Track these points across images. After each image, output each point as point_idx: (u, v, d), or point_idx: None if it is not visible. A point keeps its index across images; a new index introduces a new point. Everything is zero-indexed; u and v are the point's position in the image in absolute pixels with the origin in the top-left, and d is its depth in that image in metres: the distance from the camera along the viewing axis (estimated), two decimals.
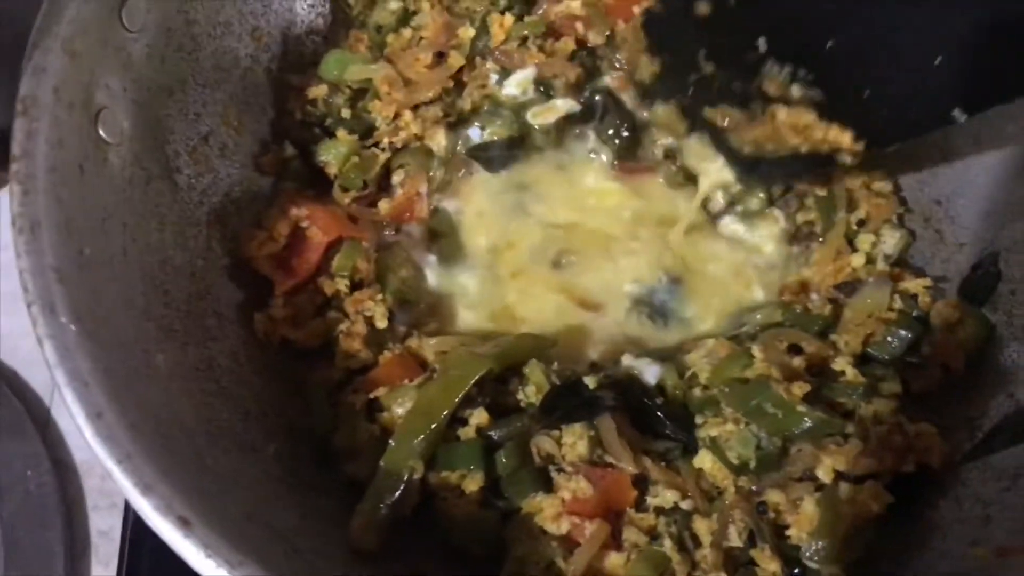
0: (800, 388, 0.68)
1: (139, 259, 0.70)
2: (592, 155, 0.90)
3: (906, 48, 0.68)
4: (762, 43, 0.74)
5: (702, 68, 0.79)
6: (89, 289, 0.62)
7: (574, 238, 0.87)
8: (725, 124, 0.80)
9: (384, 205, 0.83)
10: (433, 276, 0.85)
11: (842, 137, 0.74)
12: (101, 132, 0.69)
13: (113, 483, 0.54)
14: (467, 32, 0.86)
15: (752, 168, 0.82)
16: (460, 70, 0.87)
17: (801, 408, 0.67)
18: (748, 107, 0.78)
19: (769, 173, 0.83)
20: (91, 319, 0.60)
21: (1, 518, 0.88)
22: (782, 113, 0.75)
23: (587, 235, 0.88)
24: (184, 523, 0.53)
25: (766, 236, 0.87)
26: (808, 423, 0.67)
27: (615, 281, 0.86)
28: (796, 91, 0.74)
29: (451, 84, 0.86)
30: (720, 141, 0.83)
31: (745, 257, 0.87)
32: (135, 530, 0.84)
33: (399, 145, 0.86)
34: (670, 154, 0.88)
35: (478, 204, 0.88)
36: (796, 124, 0.74)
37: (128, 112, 0.72)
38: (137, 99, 0.73)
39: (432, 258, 0.86)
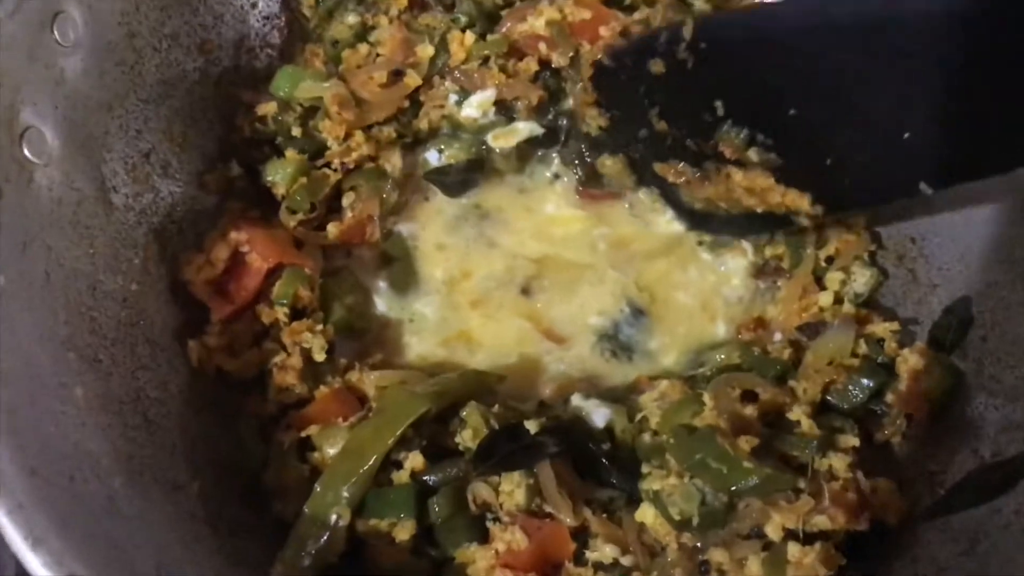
0: (748, 442, 0.64)
1: (63, 285, 0.67)
2: (555, 180, 0.87)
3: (872, 122, 0.66)
4: (720, 106, 0.72)
5: (654, 125, 0.77)
6: (2, 321, 0.59)
7: (539, 266, 0.84)
8: (676, 180, 0.78)
9: (333, 228, 0.80)
10: (383, 302, 0.82)
11: (800, 201, 0.72)
12: (26, 152, 0.66)
13: None
14: (425, 50, 0.83)
15: (703, 222, 0.81)
16: (417, 89, 0.83)
17: (748, 464, 0.64)
18: (702, 166, 0.76)
19: (720, 228, 0.81)
20: (3, 354, 0.57)
21: None
22: (738, 175, 0.73)
23: (552, 263, 0.85)
24: None
25: (733, 268, 0.84)
26: (755, 480, 0.64)
27: (580, 313, 0.83)
28: (754, 155, 0.72)
29: (407, 104, 0.83)
30: (670, 195, 0.81)
31: (714, 286, 0.84)
32: None
33: (351, 166, 0.82)
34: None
35: (435, 230, 0.85)
36: (752, 187, 0.72)
37: (59, 130, 0.69)
38: (70, 116, 0.70)
39: (383, 284, 0.83)
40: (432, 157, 0.85)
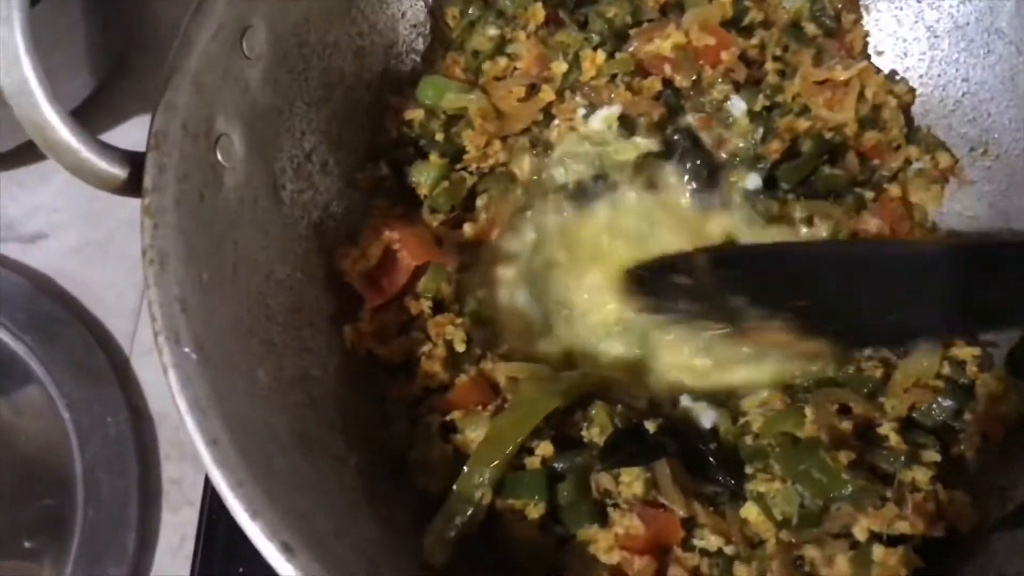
0: (846, 456, 0.73)
1: (247, 277, 0.76)
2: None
3: (875, 305, 0.79)
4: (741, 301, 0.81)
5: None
6: (206, 314, 0.68)
7: None
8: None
9: (469, 228, 0.88)
10: (508, 296, 0.90)
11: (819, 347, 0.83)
12: (219, 158, 0.74)
13: (185, 434, 0.60)
14: (560, 66, 0.90)
15: None
16: (549, 103, 0.90)
17: (845, 476, 0.72)
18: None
19: None
20: (208, 344, 0.66)
21: (83, 459, 0.95)
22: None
23: None
24: (287, 548, 0.60)
25: None
26: (850, 489, 0.72)
27: None
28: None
29: (541, 117, 0.90)
30: None
31: None
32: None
33: (485, 170, 0.90)
34: (748, 196, 0.92)
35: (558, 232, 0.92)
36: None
37: (243, 135, 0.77)
38: (251, 123, 0.78)
39: (510, 278, 0.91)
40: (558, 174, 0.92)
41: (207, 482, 0.92)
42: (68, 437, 0.96)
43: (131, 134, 1.12)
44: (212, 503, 0.92)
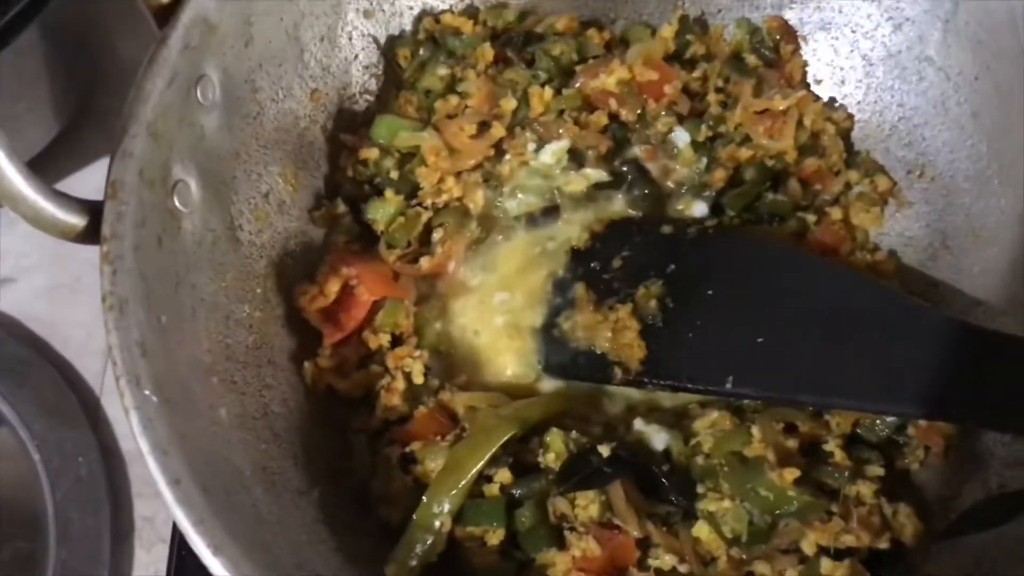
0: (791, 473, 0.75)
1: (206, 317, 0.78)
2: None
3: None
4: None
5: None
6: (166, 356, 0.70)
7: None
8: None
9: (425, 262, 0.91)
10: (464, 327, 0.93)
11: None
12: (176, 203, 0.76)
13: None
14: (509, 103, 0.93)
15: None
16: (500, 139, 0.93)
17: (791, 493, 0.75)
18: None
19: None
20: (168, 386, 0.68)
21: (54, 500, 0.96)
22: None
23: None
24: None
25: None
26: (796, 505, 0.75)
27: None
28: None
29: (492, 152, 0.93)
30: None
31: None
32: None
33: (440, 205, 0.93)
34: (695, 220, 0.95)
35: (512, 263, 0.94)
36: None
37: (199, 180, 0.79)
38: (207, 167, 0.80)
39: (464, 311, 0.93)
40: (511, 206, 0.94)
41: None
42: (39, 478, 0.97)
43: (97, 175, 1.13)
44: (182, 540, 0.92)
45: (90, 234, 0.70)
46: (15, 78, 0.99)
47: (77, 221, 0.69)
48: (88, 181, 1.16)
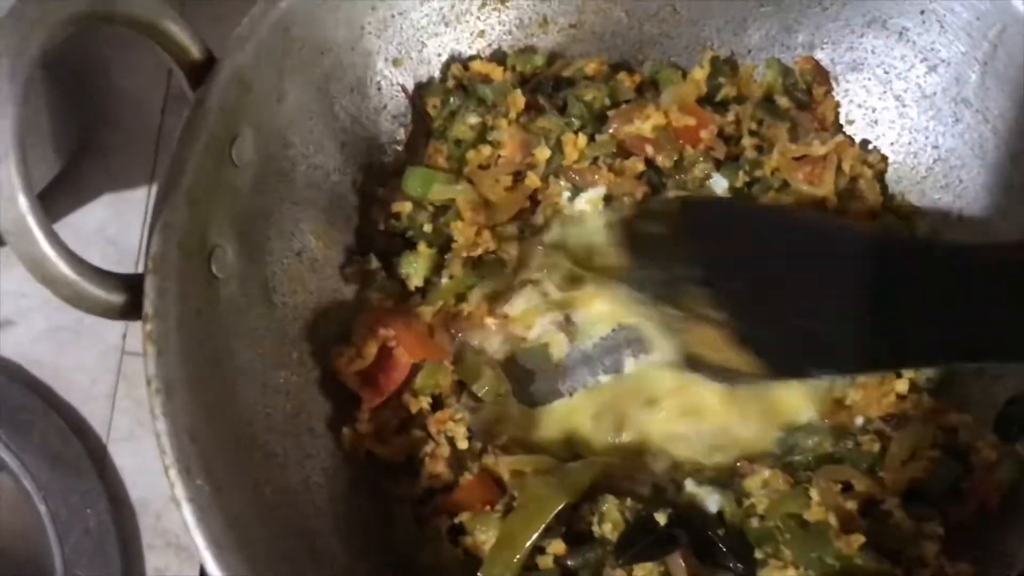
0: (856, 540, 0.74)
1: (245, 389, 0.75)
2: None
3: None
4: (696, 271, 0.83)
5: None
6: (214, 439, 0.67)
7: None
8: None
9: (463, 318, 0.88)
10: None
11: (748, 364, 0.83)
12: (214, 270, 0.73)
13: (167, 522, 0.58)
14: (543, 152, 0.90)
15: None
16: (535, 189, 0.91)
17: (859, 560, 0.73)
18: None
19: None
20: (217, 471, 0.65)
21: (63, 553, 0.92)
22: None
23: None
24: None
25: None
26: (864, 573, 0.73)
27: None
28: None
29: (527, 204, 0.91)
30: None
31: None
32: None
33: (475, 258, 0.90)
34: None
35: None
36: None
37: (234, 244, 0.76)
38: (242, 230, 0.77)
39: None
40: None
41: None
42: (46, 530, 0.93)
43: (98, 212, 1.12)
44: None
45: (130, 311, 0.66)
46: None
47: (118, 299, 0.65)
48: (88, 218, 1.12)
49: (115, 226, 1.11)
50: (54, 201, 1.11)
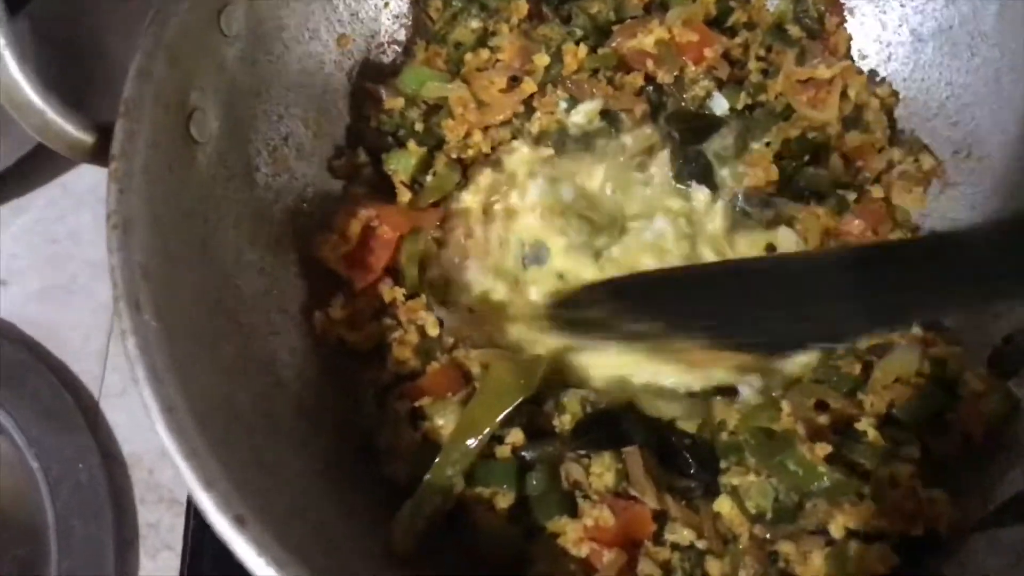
0: (822, 449, 0.71)
1: (215, 254, 0.75)
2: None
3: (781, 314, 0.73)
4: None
5: None
6: (169, 283, 0.67)
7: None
8: None
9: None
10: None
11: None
12: (192, 132, 0.73)
13: (160, 477, 0.56)
14: (542, 59, 0.89)
15: None
16: (531, 95, 0.90)
17: (822, 468, 0.71)
18: None
19: None
20: (169, 314, 0.65)
21: (55, 508, 0.91)
22: None
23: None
24: (240, 521, 0.58)
25: None
26: (827, 483, 0.71)
27: None
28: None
29: (522, 108, 0.89)
30: None
31: None
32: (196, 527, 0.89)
33: (468, 161, 0.89)
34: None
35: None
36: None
37: (218, 113, 0.76)
38: (227, 101, 0.77)
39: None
40: None
41: (187, 526, 0.90)
42: (38, 485, 0.92)
43: (90, 175, 1.09)
44: (193, 549, 0.88)
45: (99, 153, 0.67)
46: None
47: (87, 137, 0.66)
48: (79, 180, 1.11)
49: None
50: (44, 163, 1.10)
